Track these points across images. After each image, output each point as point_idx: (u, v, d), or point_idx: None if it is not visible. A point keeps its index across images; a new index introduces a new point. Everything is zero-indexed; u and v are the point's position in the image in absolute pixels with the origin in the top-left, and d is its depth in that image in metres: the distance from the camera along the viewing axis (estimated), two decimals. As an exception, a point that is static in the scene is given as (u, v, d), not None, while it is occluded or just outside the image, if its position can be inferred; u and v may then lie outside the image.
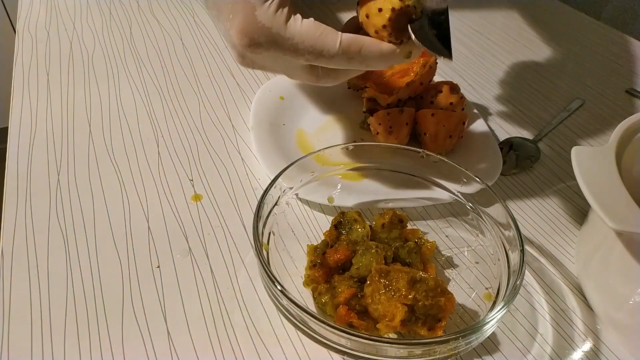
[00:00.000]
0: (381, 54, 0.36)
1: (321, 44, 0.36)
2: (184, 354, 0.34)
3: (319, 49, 0.36)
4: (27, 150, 0.48)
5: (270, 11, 0.35)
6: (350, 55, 0.36)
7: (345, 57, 0.36)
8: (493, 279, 0.38)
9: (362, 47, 0.36)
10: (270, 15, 0.35)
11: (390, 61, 0.37)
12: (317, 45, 0.36)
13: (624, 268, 0.35)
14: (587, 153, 0.36)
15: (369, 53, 0.36)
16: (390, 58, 0.37)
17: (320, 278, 0.37)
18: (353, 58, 0.36)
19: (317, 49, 0.36)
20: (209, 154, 0.49)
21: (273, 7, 0.35)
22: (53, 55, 0.61)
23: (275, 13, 0.35)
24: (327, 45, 0.36)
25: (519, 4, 0.82)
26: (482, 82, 0.64)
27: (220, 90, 0.58)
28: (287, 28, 0.36)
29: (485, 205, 0.40)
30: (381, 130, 0.48)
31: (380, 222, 0.41)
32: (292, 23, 0.36)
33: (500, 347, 0.36)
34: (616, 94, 0.63)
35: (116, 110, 0.54)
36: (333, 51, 0.36)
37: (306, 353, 0.35)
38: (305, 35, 0.36)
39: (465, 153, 0.50)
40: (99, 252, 0.40)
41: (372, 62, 0.37)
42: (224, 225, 0.43)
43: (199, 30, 0.68)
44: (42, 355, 0.33)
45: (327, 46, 0.36)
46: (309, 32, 0.36)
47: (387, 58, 0.37)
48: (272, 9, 0.35)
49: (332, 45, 0.36)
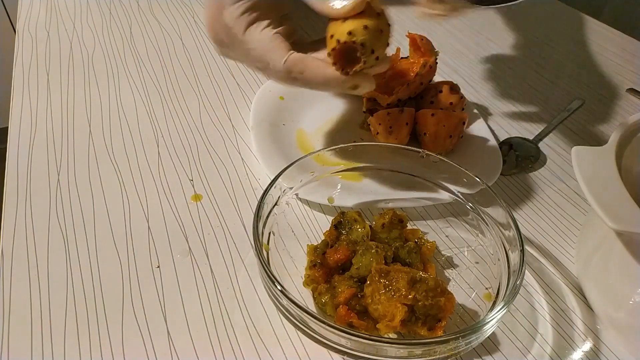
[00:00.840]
0: (324, 79, 0.37)
1: (268, 57, 0.37)
2: (184, 354, 0.34)
3: (266, 61, 0.37)
4: (27, 150, 0.48)
5: (236, 13, 0.37)
6: (293, 75, 0.37)
7: (288, 75, 0.37)
8: (493, 279, 0.38)
9: (306, 69, 0.37)
10: (234, 17, 0.37)
11: (335, 87, 0.38)
12: (265, 57, 0.37)
13: (624, 268, 0.35)
14: (587, 153, 0.36)
15: (313, 77, 0.37)
16: (334, 85, 0.37)
17: (320, 278, 0.37)
18: (296, 78, 0.37)
19: (264, 61, 0.38)
20: (209, 154, 0.49)
21: (240, 9, 0.37)
22: (53, 55, 0.61)
23: (240, 16, 0.37)
24: (273, 60, 0.37)
25: (519, 4, 0.82)
26: (482, 82, 0.64)
27: (220, 90, 0.58)
28: (246, 33, 0.37)
29: (485, 205, 0.40)
30: (381, 130, 0.48)
31: (380, 222, 0.41)
32: (252, 29, 0.37)
33: (500, 347, 0.36)
34: (616, 94, 0.63)
35: (116, 110, 0.54)
36: (278, 67, 0.37)
37: (306, 353, 0.35)
38: (257, 44, 0.37)
39: (465, 153, 0.50)
40: (99, 252, 0.40)
41: (315, 85, 0.38)
42: (224, 225, 0.43)
43: (199, 30, 0.68)
44: (42, 355, 0.33)
45: (274, 61, 0.37)
46: (262, 42, 0.37)
47: (330, 84, 0.37)
48: (239, 11, 0.37)
49: (277, 62, 0.37)
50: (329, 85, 0.37)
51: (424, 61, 0.49)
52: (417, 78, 0.49)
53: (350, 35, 0.34)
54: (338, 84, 0.37)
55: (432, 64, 0.50)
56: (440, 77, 0.56)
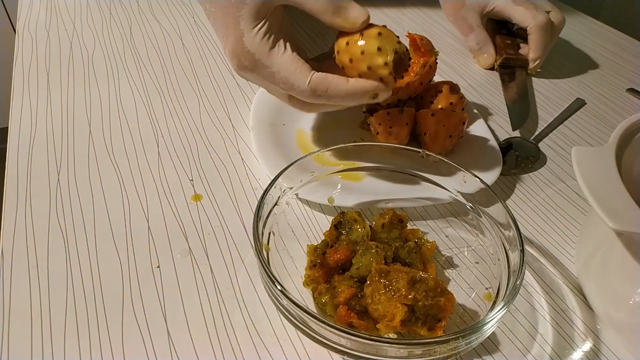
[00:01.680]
0: (347, 93, 0.39)
1: (293, 78, 0.39)
2: (184, 354, 0.34)
3: (291, 82, 0.39)
4: (27, 150, 0.48)
5: (257, 38, 0.38)
6: (318, 93, 0.39)
7: (312, 94, 0.39)
8: (493, 279, 0.38)
9: (329, 86, 0.39)
10: (256, 43, 0.38)
11: (357, 99, 0.40)
12: (290, 79, 0.39)
13: (624, 268, 0.35)
14: (587, 153, 0.36)
15: (336, 92, 0.39)
16: (357, 97, 0.39)
17: (320, 278, 0.37)
18: (321, 96, 0.39)
19: (289, 82, 0.39)
20: (209, 154, 0.49)
21: (260, 34, 0.38)
22: (53, 55, 0.61)
23: (261, 40, 0.38)
24: (298, 81, 0.39)
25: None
26: (482, 82, 0.64)
27: (220, 90, 0.58)
28: (269, 56, 0.39)
29: (485, 205, 0.40)
30: (381, 130, 0.48)
31: (380, 222, 0.41)
32: (274, 52, 0.39)
33: (500, 347, 0.36)
34: (616, 94, 0.63)
35: (116, 110, 0.54)
36: (302, 87, 0.39)
37: (306, 353, 0.35)
38: (281, 67, 0.39)
39: (465, 153, 0.50)
40: (99, 252, 0.40)
41: (339, 100, 0.40)
42: (224, 225, 0.43)
43: (199, 30, 0.68)
44: (42, 355, 0.33)
45: (298, 82, 0.39)
46: (286, 65, 0.39)
47: (353, 97, 0.39)
48: (259, 36, 0.38)
49: (302, 82, 0.39)
50: (352, 98, 0.39)
51: (424, 61, 0.49)
52: (417, 78, 0.49)
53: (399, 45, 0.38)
54: (361, 95, 0.39)
55: (432, 64, 0.50)
56: (440, 77, 0.56)
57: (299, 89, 0.39)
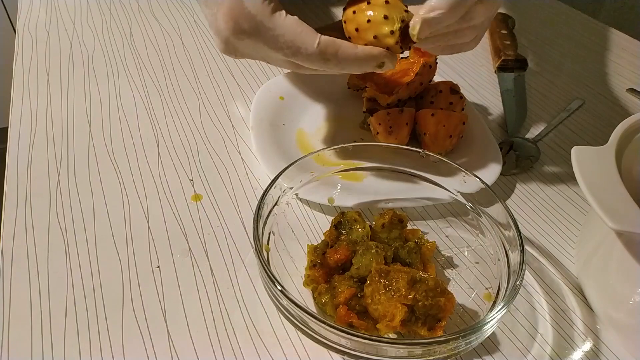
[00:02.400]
0: (356, 57, 0.38)
1: (300, 40, 0.37)
2: (184, 354, 0.34)
3: (298, 45, 0.37)
4: (27, 150, 0.48)
5: (258, 1, 0.36)
6: (326, 57, 0.37)
7: (321, 57, 0.37)
8: (493, 279, 0.38)
9: (339, 50, 0.37)
10: (257, 4, 0.36)
11: (365, 65, 0.38)
12: (296, 41, 0.37)
13: (624, 268, 0.35)
14: (587, 153, 0.36)
15: (345, 56, 0.37)
16: (365, 62, 0.38)
17: (320, 278, 0.37)
18: (329, 60, 0.37)
19: (295, 45, 0.37)
20: (209, 154, 0.49)
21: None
22: (53, 55, 0.61)
23: (262, 3, 0.37)
24: (305, 43, 0.37)
25: (518, 4, 0.82)
26: (482, 82, 0.64)
27: (220, 90, 0.58)
28: (271, 19, 0.37)
29: (485, 205, 0.40)
30: (381, 130, 0.48)
31: (380, 222, 0.41)
32: (277, 15, 0.37)
33: (500, 347, 0.36)
34: (616, 94, 0.63)
35: (116, 110, 0.54)
36: (311, 50, 0.37)
37: (306, 353, 0.35)
38: (286, 29, 0.37)
39: (465, 153, 0.50)
40: (99, 252, 0.40)
41: (347, 64, 0.38)
42: (224, 225, 0.43)
43: (199, 30, 0.68)
44: (42, 355, 0.33)
45: (306, 44, 0.37)
46: (291, 27, 0.37)
47: (361, 62, 0.38)
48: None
49: (310, 44, 0.37)
50: (360, 63, 0.38)
51: (424, 61, 0.49)
52: (417, 78, 0.49)
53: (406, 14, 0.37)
54: (368, 61, 0.38)
55: (432, 64, 0.50)
56: (440, 77, 0.56)
57: (305, 52, 0.37)
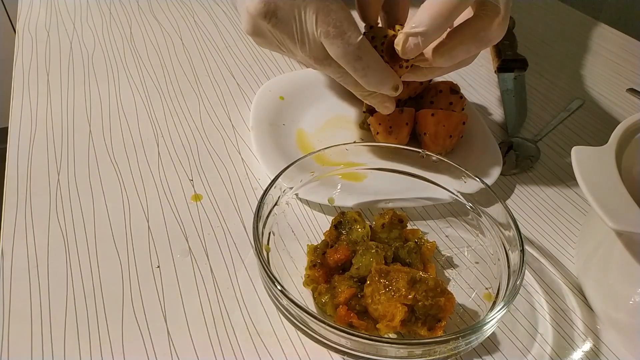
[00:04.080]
0: (383, 68, 0.38)
1: (347, 25, 0.35)
2: (184, 354, 0.34)
3: (344, 29, 0.35)
4: (27, 150, 0.48)
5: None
6: (360, 54, 0.36)
7: (358, 52, 0.36)
8: (493, 279, 0.38)
9: (373, 53, 0.37)
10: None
11: (385, 82, 0.38)
12: (344, 24, 0.35)
13: (624, 268, 0.35)
14: (587, 153, 0.36)
15: (373, 62, 0.37)
16: (385, 77, 0.38)
17: (320, 278, 0.37)
18: (361, 58, 0.36)
19: (342, 27, 0.35)
20: (209, 154, 0.49)
21: None
22: (53, 55, 0.61)
23: None
24: (351, 31, 0.35)
25: (518, 4, 0.82)
26: (482, 82, 0.64)
27: (220, 90, 0.58)
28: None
29: (485, 205, 0.40)
30: (381, 130, 0.48)
31: (380, 222, 0.41)
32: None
33: (500, 347, 0.36)
34: (616, 94, 0.63)
35: (116, 110, 0.54)
36: (353, 40, 0.36)
37: (306, 353, 0.35)
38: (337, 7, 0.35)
39: (465, 153, 0.50)
40: (99, 252, 0.40)
41: (371, 72, 0.37)
42: (224, 225, 0.43)
43: (199, 30, 0.68)
44: (42, 355, 0.33)
45: (351, 32, 0.35)
46: (342, 7, 0.35)
47: (384, 74, 0.38)
48: None
49: (355, 34, 0.36)
50: (383, 75, 0.38)
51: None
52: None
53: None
54: (390, 77, 0.38)
55: (432, 64, 0.50)
56: (441, 77, 0.56)
57: (348, 40, 0.35)
